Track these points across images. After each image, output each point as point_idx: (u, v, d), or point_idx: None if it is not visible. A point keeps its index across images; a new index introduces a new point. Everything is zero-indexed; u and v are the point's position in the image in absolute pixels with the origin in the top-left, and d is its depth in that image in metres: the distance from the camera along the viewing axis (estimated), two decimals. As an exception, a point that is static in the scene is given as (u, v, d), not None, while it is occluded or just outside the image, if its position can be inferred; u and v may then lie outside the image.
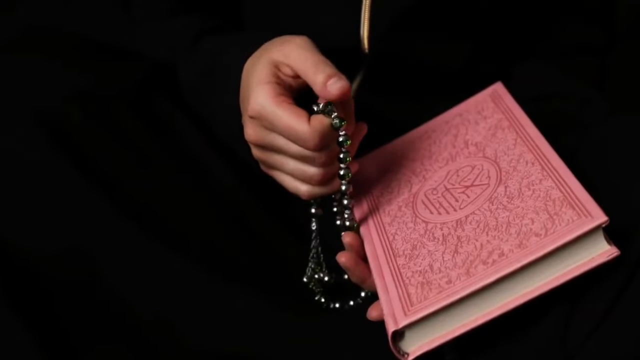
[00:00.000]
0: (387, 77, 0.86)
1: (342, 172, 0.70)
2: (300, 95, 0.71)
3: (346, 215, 0.74)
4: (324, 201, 0.76)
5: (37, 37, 0.87)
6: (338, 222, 0.76)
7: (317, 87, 0.68)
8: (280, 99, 0.68)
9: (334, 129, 0.68)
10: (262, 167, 0.75)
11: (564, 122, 0.85)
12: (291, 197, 0.74)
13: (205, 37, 0.83)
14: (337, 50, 0.75)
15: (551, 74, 0.90)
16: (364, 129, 0.74)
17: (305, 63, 0.68)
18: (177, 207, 0.78)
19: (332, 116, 0.68)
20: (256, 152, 0.72)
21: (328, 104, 0.68)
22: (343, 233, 0.74)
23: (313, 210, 0.77)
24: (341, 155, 0.69)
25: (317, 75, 0.68)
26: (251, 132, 0.70)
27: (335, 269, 0.77)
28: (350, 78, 0.75)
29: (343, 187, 0.71)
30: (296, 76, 0.70)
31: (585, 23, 0.92)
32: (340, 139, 0.68)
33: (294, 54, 0.69)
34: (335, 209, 0.76)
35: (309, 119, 0.67)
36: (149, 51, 0.88)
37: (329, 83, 0.67)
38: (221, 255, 0.77)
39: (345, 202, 0.73)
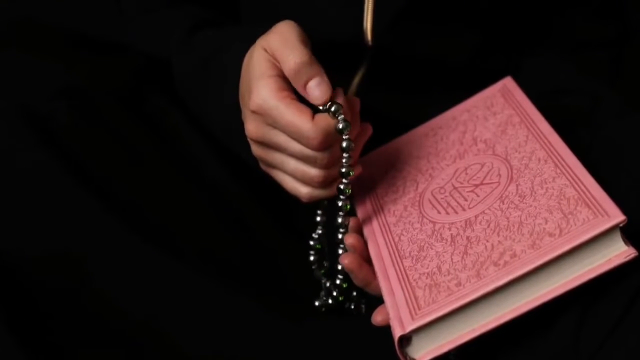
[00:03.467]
0: (391, 71, 0.86)
1: (341, 187, 0.70)
2: None
3: (341, 231, 0.74)
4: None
5: (22, 31, 0.87)
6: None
7: (296, 87, 0.68)
8: (284, 93, 0.67)
9: (338, 133, 0.68)
10: (262, 166, 0.74)
11: (576, 118, 0.85)
12: (290, 197, 0.74)
13: (201, 30, 0.83)
14: (338, 43, 0.75)
15: (563, 69, 0.90)
16: (369, 130, 0.73)
17: (285, 55, 0.67)
18: (171, 209, 0.78)
19: (339, 118, 0.67)
20: (256, 150, 0.72)
21: (334, 102, 0.68)
22: (346, 235, 0.73)
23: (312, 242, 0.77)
24: (343, 169, 0.69)
25: (299, 76, 0.67)
26: (252, 127, 0.70)
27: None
28: (353, 72, 0.75)
29: (340, 203, 0.71)
30: None
31: (597, 16, 0.91)
32: (344, 144, 0.68)
33: (275, 43, 0.68)
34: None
35: (312, 117, 0.67)
36: (141, 45, 0.88)
37: (309, 86, 0.67)
38: (217, 258, 0.77)
39: (340, 220, 0.73)
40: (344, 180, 0.70)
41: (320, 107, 0.68)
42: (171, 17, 0.86)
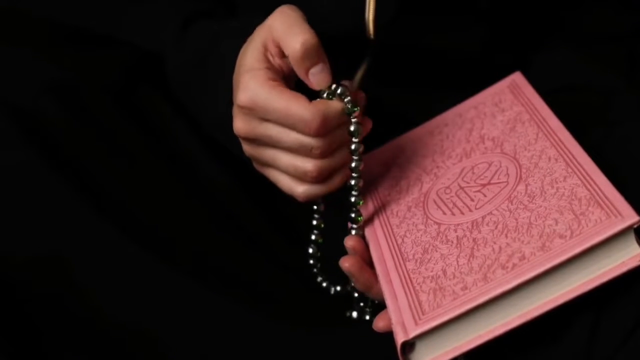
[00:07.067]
0: (395, 66, 0.86)
1: (353, 165, 0.70)
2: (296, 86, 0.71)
3: (352, 215, 0.74)
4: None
5: (7, 23, 0.87)
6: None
7: (298, 71, 0.68)
8: (274, 83, 0.68)
9: (347, 114, 0.68)
10: (256, 166, 0.75)
11: (589, 115, 0.85)
12: (289, 198, 0.74)
13: (196, 23, 0.83)
14: (339, 36, 0.75)
15: (575, 64, 0.90)
16: (368, 125, 0.74)
17: (291, 36, 0.67)
18: (164, 210, 0.78)
19: (345, 100, 0.68)
20: (247, 148, 0.72)
21: (339, 86, 0.68)
22: (346, 237, 0.74)
23: (315, 223, 0.77)
24: (352, 147, 0.69)
25: (305, 59, 0.67)
26: (240, 124, 0.70)
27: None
28: (355, 67, 0.75)
29: (353, 182, 0.71)
30: (284, 55, 0.70)
31: (612, 8, 0.92)
32: (352, 127, 0.68)
33: (279, 25, 0.68)
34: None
35: (309, 101, 0.67)
36: (133, 38, 0.88)
37: (311, 72, 0.68)
38: (212, 262, 0.77)
39: (353, 199, 0.73)
40: (354, 175, 0.71)
41: (324, 96, 0.69)
42: (164, 9, 0.86)
